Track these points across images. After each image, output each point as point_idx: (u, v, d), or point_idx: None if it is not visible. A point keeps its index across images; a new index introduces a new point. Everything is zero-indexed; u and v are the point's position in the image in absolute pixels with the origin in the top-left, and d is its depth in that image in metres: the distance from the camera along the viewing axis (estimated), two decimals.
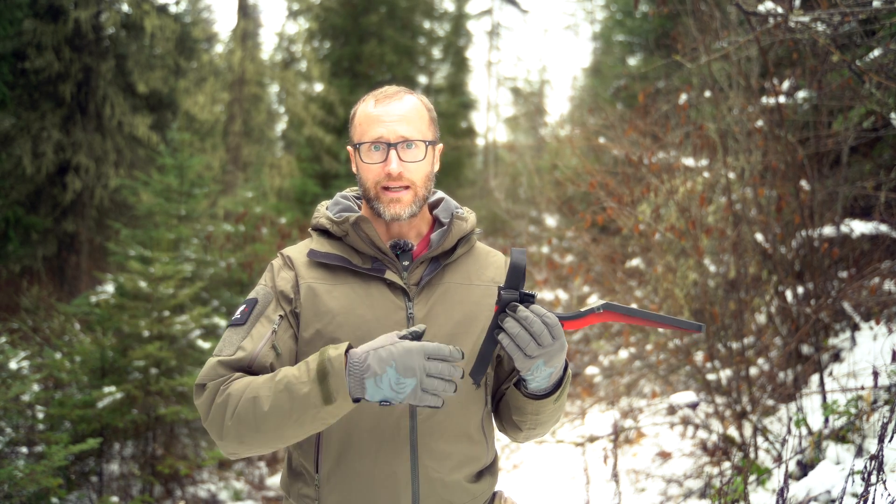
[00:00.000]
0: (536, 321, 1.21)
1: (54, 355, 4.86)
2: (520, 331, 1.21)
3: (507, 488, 4.72)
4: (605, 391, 5.85)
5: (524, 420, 1.43)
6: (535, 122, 12.71)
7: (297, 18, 15.29)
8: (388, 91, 1.46)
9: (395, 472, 1.35)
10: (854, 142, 4.25)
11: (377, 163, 1.41)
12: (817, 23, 3.57)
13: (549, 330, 1.23)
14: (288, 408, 1.22)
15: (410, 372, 1.18)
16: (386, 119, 1.41)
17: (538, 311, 1.23)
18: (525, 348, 1.22)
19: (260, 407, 1.24)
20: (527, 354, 1.22)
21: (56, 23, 10.06)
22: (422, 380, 1.18)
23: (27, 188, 9.97)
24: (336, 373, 1.20)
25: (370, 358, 1.20)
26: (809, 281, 4.00)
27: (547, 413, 1.41)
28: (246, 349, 1.35)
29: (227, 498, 5.15)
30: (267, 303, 1.41)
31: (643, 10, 9.29)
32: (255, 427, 1.25)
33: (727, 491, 2.81)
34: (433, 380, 1.19)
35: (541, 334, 1.21)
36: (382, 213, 1.43)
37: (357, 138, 1.45)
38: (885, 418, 2.53)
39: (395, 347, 1.20)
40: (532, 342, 1.21)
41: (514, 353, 1.23)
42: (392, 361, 1.18)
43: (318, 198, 11.53)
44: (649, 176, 4.59)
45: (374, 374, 1.19)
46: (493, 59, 26.99)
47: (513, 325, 1.22)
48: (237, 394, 1.28)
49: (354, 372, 1.20)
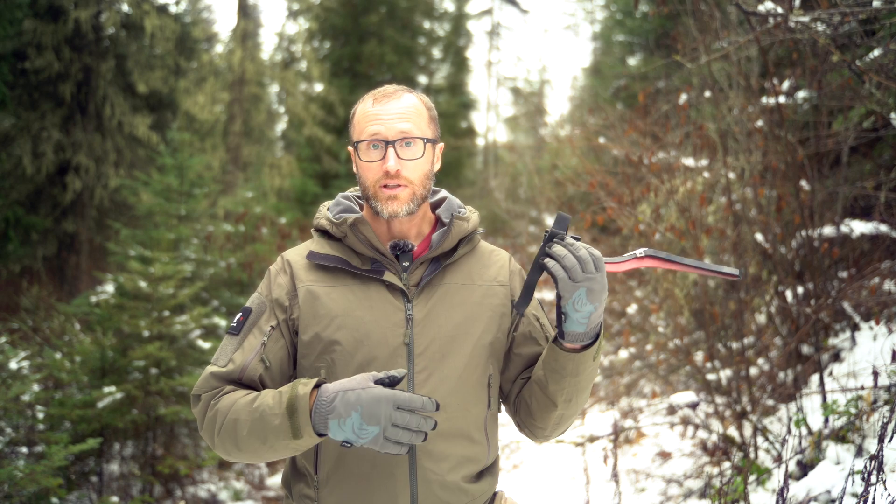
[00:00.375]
0: (582, 248, 1.26)
1: (54, 355, 4.86)
2: (567, 254, 1.25)
3: (507, 488, 4.72)
4: (605, 391, 5.85)
5: (561, 389, 1.37)
6: (535, 122, 12.72)
7: (297, 18, 15.29)
8: (387, 90, 1.46)
9: (394, 473, 1.35)
10: (854, 142, 4.24)
11: (375, 161, 1.41)
12: (817, 23, 3.57)
13: (594, 260, 1.27)
14: (262, 436, 1.28)
15: (375, 420, 1.18)
16: (384, 116, 1.41)
17: (583, 244, 1.28)
18: (570, 270, 1.25)
19: (240, 430, 1.30)
20: (571, 278, 1.25)
21: (56, 23, 10.06)
22: (385, 428, 1.18)
23: (27, 188, 9.97)
24: (302, 411, 1.23)
25: (338, 399, 1.21)
26: (809, 281, 4.00)
27: (586, 375, 1.36)
28: (236, 362, 1.39)
29: (227, 498, 5.15)
30: (260, 313, 1.43)
31: (643, 10, 9.29)
32: (237, 446, 1.32)
33: (727, 491, 2.81)
34: (398, 430, 1.18)
35: (586, 260, 1.25)
36: (380, 210, 1.42)
37: (355, 136, 1.44)
38: (885, 418, 2.53)
39: (365, 393, 1.20)
40: (577, 266, 1.25)
41: (559, 274, 1.25)
42: (359, 407, 1.19)
43: (318, 198, 11.54)
44: (649, 176, 4.59)
45: (339, 416, 1.20)
46: (493, 59, 27.02)
47: (559, 249, 1.26)
48: (223, 413, 1.33)
49: (320, 410, 1.22)
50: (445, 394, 1.38)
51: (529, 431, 1.51)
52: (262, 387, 1.40)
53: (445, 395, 1.38)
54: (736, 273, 1.29)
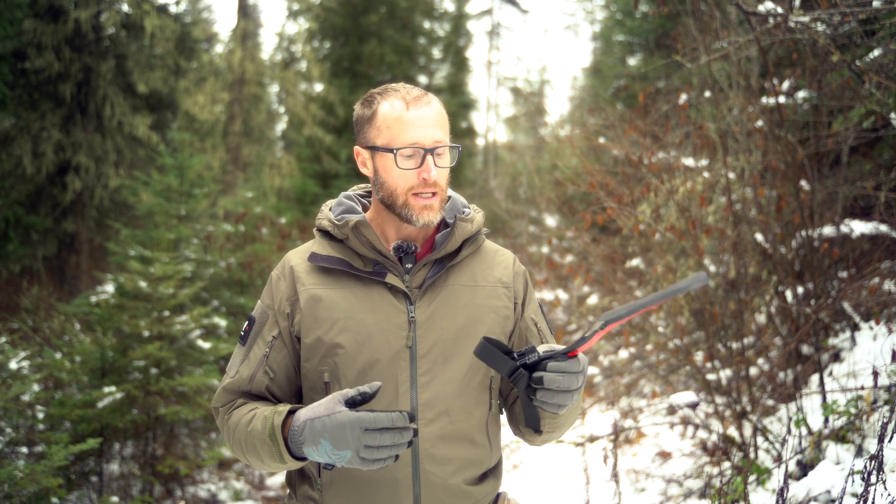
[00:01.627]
0: (559, 379, 1.19)
1: (54, 355, 4.86)
2: (553, 395, 1.20)
3: (508, 488, 4.72)
4: (605, 391, 5.85)
5: (543, 424, 1.39)
6: (535, 122, 12.72)
7: (297, 18, 15.29)
8: (414, 93, 1.41)
9: (396, 477, 1.35)
10: (854, 142, 4.24)
11: (411, 168, 1.38)
12: (817, 23, 3.57)
13: (575, 377, 1.21)
14: (259, 457, 1.34)
15: (344, 445, 1.18)
16: (420, 124, 1.38)
17: (555, 367, 1.20)
18: (562, 406, 1.22)
19: (243, 449, 1.37)
20: (562, 406, 1.22)
21: (56, 23, 10.05)
22: (358, 450, 1.18)
23: (27, 188, 9.97)
24: (280, 440, 1.27)
25: (306, 429, 1.23)
26: (809, 281, 4.00)
27: (566, 415, 1.38)
28: (243, 374, 1.43)
29: (227, 498, 5.15)
30: (263, 323, 1.45)
31: (643, 10, 9.29)
32: (247, 461, 1.39)
33: (727, 491, 2.81)
34: (372, 450, 1.18)
35: (570, 388, 1.20)
36: (414, 219, 1.39)
37: (385, 142, 1.39)
38: (885, 418, 2.53)
39: (329, 420, 1.20)
40: (568, 395, 1.21)
41: (559, 412, 1.24)
42: (325, 434, 1.20)
43: (318, 198, 11.54)
44: (649, 176, 4.59)
45: (311, 443, 1.22)
46: (493, 59, 26.99)
47: (544, 395, 1.20)
48: (231, 429, 1.40)
49: (294, 439, 1.25)
50: (448, 396, 1.38)
51: (522, 437, 1.53)
52: (270, 396, 1.43)
53: (448, 398, 1.38)
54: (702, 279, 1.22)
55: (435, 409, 1.37)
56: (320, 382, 1.39)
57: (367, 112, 1.43)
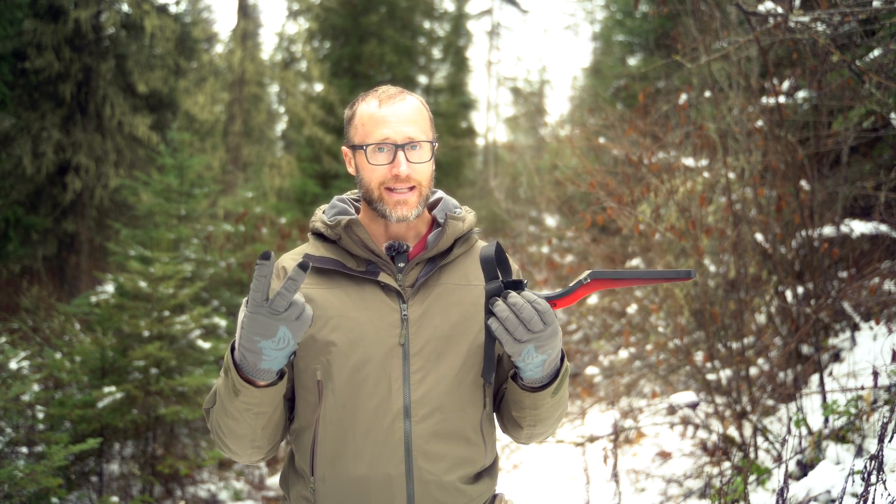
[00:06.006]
0: (526, 306, 1.22)
1: (54, 355, 4.86)
2: (508, 314, 1.22)
3: (508, 488, 4.73)
4: (605, 391, 5.85)
5: (523, 416, 1.42)
6: (535, 122, 12.70)
7: (297, 18, 15.29)
8: (390, 91, 1.45)
9: (390, 474, 1.35)
10: (854, 142, 4.24)
11: (383, 164, 1.40)
12: (817, 23, 3.57)
13: (540, 315, 1.23)
14: (223, 407, 1.31)
15: (268, 327, 1.17)
16: (392, 120, 1.40)
17: (528, 296, 1.24)
18: (514, 332, 1.22)
19: (215, 416, 1.35)
20: (516, 339, 1.23)
21: (56, 23, 10.06)
22: (270, 314, 1.16)
23: (27, 188, 9.98)
24: (230, 366, 1.26)
25: (241, 347, 1.22)
26: (809, 281, 4.00)
27: (546, 408, 1.39)
28: None
29: (227, 498, 5.15)
30: None
31: (643, 10, 9.29)
32: (222, 436, 1.36)
33: (727, 491, 2.81)
34: (263, 298, 1.15)
35: (531, 319, 1.22)
36: (388, 214, 1.42)
37: (360, 139, 1.43)
38: (885, 418, 2.53)
39: (243, 330, 1.20)
40: (521, 326, 1.22)
41: (504, 338, 1.23)
42: (254, 337, 1.19)
43: (318, 198, 11.54)
44: (649, 176, 4.59)
45: (254, 355, 1.21)
46: (493, 59, 26.99)
47: (502, 309, 1.23)
48: (212, 418, 1.38)
49: (245, 367, 1.24)
50: (441, 394, 1.38)
51: (509, 435, 1.54)
52: None
53: (441, 396, 1.38)
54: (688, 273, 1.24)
55: (428, 406, 1.37)
56: (313, 380, 1.39)
57: (349, 113, 1.48)
